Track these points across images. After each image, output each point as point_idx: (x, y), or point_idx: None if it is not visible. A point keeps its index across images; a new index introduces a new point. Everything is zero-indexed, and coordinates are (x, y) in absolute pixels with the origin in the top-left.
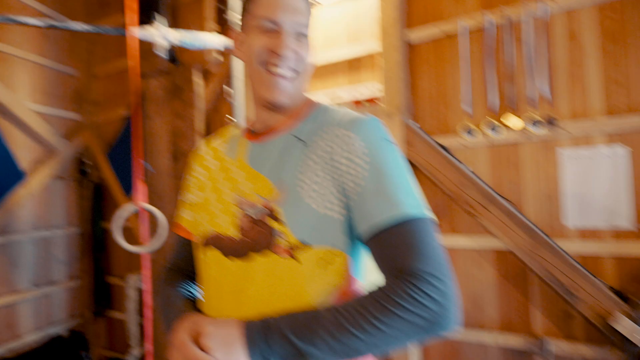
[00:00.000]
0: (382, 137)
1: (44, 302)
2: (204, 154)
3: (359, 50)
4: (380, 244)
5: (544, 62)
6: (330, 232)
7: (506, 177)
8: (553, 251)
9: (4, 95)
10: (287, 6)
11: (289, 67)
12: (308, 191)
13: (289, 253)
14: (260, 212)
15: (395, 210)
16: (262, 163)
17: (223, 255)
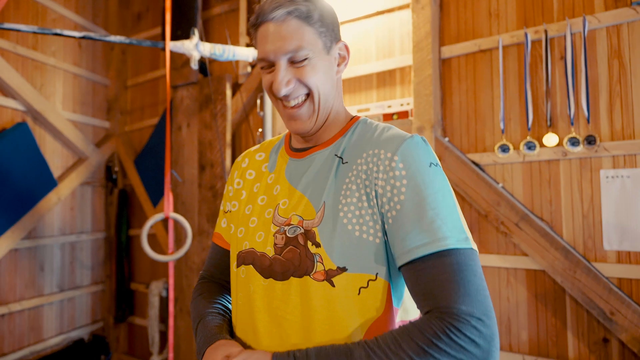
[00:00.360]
0: (423, 159)
1: (68, 305)
2: (244, 164)
3: (390, 64)
4: (416, 274)
5: (584, 79)
6: (368, 257)
7: (541, 195)
8: (590, 273)
9: (39, 103)
10: (272, 38)
11: (294, 97)
12: (346, 213)
13: (325, 277)
14: (296, 231)
15: (434, 239)
16: (299, 179)
17: (259, 274)
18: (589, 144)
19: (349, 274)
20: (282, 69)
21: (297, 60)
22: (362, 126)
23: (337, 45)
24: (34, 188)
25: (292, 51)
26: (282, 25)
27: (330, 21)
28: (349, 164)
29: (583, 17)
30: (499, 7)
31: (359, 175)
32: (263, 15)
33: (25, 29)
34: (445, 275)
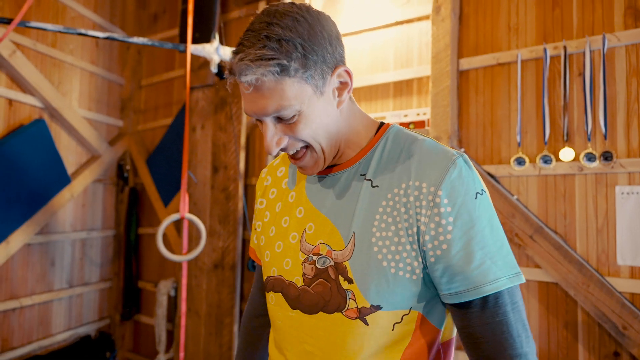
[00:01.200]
0: (470, 189)
1: (77, 302)
2: (266, 182)
3: (408, 74)
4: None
5: (602, 96)
6: (403, 294)
7: (556, 209)
8: (603, 287)
9: (56, 101)
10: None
11: (292, 150)
12: (381, 248)
13: (358, 315)
14: (326, 263)
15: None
16: (322, 200)
17: (287, 304)
18: (605, 159)
19: (384, 312)
20: (270, 129)
21: (286, 119)
22: (393, 141)
23: (332, 76)
24: (49, 184)
25: (274, 112)
26: (255, 92)
27: (318, 55)
28: (381, 190)
29: (603, 35)
30: (519, 22)
31: (396, 207)
32: (237, 73)
33: (50, 28)
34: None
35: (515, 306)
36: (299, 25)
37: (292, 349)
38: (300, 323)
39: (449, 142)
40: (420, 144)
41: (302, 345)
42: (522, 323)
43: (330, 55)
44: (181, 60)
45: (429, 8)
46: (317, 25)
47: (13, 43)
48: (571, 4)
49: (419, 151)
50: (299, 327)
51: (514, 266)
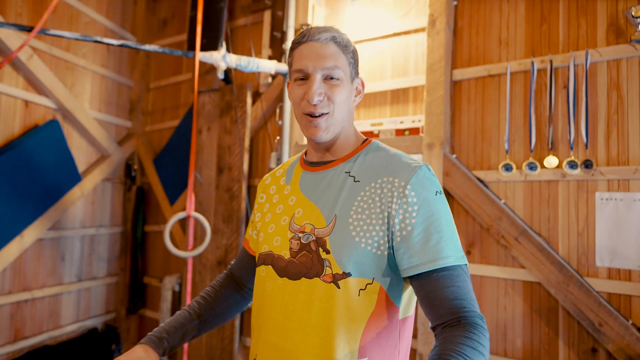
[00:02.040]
0: (431, 188)
1: (85, 295)
2: (267, 181)
3: (404, 83)
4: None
5: (584, 107)
6: (370, 266)
7: (540, 213)
8: (582, 287)
9: (69, 102)
10: (314, 55)
11: (321, 109)
12: (355, 227)
13: (332, 280)
14: (309, 238)
15: (439, 257)
16: (312, 191)
17: (276, 274)
18: (586, 167)
19: (352, 279)
20: (318, 81)
21: (331, 77)
22: (375, 150)
23: (357, 79)
24: (61, 182)
25: (329, 68)
26: (324, 46)
27: (357, 58)
28: (362, 184)
29: (586, 50)
30: (509, 36)
31: (372, 196)
32: (310, 35)
33: (69, 35)
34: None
35: (462, 282)
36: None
37: (275, 309)
38: (285, 288)
39: (441, 148)
40: (394, 154)
41: (285, 307)
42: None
43: (358, 64)
44: (188, 65)
45: (425, 21)
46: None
47: (30, 48)
48: (557, 20)
49: (393, 159)
50: (285, 292)
51: (461, 251)
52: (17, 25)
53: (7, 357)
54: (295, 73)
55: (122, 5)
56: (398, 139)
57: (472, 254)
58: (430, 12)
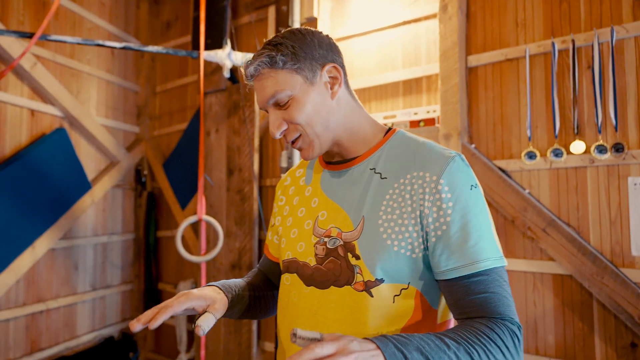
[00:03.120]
0: (466, 181)
1: (100, 304)
2: (286, 182)
3: (416, 72)
4: (464, 288)
5: (611, 88)
6: (403, 270)
7: (568, 202)
8: (617, 279)
9: (76, 109)
10: (257, 91)
11: (291, 137)
12: (386, 229)
13: (364, 288)
14: (336, 243)
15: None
16: (335, 191)
17: (302, 282)
18: (616, 151)
19: (386, 285)
20: (271, 114)
21: (281, 104)
22: (401, 141)
23: (322, 71)
24: (71, 191)
25: (271, 97)
26: (257, 79)
27: (307, 53)
28: (389, 181)
29: (611, 27)
30: (526, 17)
31: (402, 194)
32: (245, 75)
33: (70, 40)
34: (487, 293)
35: (500, 284)
36: (293, 35)
37: (306, 321)
38: (314, 298)
39: (459, 138)
40: (423, 144)
41: (314, 317)
42: (504, 297)
43: (320, 55)
44: (194, 66)
45: (436, 7)
46: (308, 35)
47: (34, 56)
48: None
49: (422, 149)
50: (313, 302)
51: (499, 250)
52: (18, 32)
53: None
54: None
55: (124, 10)
56: (413, 131)
57: None
58: None
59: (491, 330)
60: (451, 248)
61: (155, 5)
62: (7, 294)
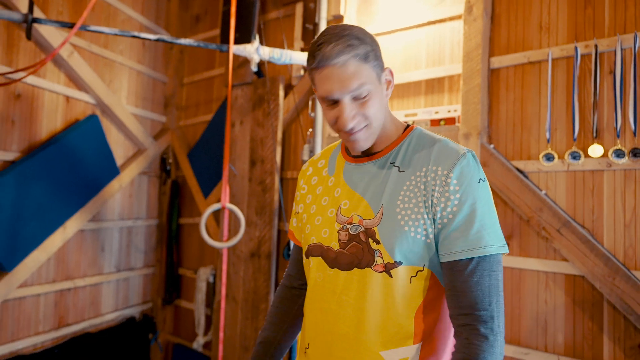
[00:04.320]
0: (475, 176)
1: (123, 285)
2: (309, 172)
3: (439, 72)
4: (459, 272)
5: (632, 93)
6: (419, 253)
7: (584, 204)
8: (629, 281)
9: (108, 98)
10: (337, 80)
11: (358, 127)
12: (404, 216)
13: (384, 269)
14: (357, 229)
15: (479, 246)
16: (357, 182)
17: (326, 265)
18: (634, 156)
19: (404, 267)
20: (347, 105)
21: (361, 97)
22: (418, 138)
23: (384, 72)
24: (100, 175)
25: (355, 89)
26: (343, 67)
27: (380, 52)
28: (407, 174)
29: (634, 33)
30: (550, 21)
31: (418, 185)
32: (325, 60)
33: (108, 31)
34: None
35: (493, 273)
36: (363, 32)
37: (329, 299)
38: (338, 278)
39: (479, 138)
40: (438, 141)
41: (337, 296)
42: (496, 289)
43: (381, 57)
44: (221, 60)
45: (461, 8)
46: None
47: (71, 45)
48: (603, 2)
49: (438, 145)
50: (337, 282)
51: (502, 239)
52: (60, 22)
53: (51, 342)
54: (323, 101)
55: (156, 3)
56: (433, 129)
57: (511, 246)
58: None
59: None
60: (455, 234)
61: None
62: (39, 270)
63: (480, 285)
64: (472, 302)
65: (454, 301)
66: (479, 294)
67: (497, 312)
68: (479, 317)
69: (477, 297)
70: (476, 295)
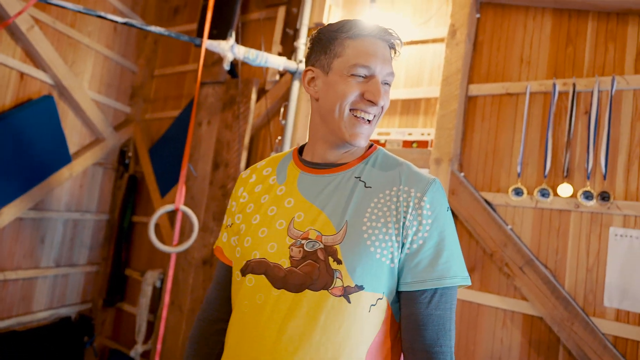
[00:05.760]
0: (444, 204)
1: (61, 282)
2: (251, 179)
3: (417, 93)
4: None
5: (605, 136)
6: (381, 278)
7: (548, 243)
8: (587, 327)
9: (68, 79)
10: (381, 55)
11: (374, 114)
12: (370, 236)
13: (343, 293)
14: (314, 245)
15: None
16: (314, 194)
17: (271, 284)
18: (602, 199)
19: (365, 292)
20: (381, 86)
21: (387, 82)
22: (383, 157)
23: None
24: (49, 161)
25: (390, 74)
26: (388, 49)
27: None
28: (374, 190)
29: (612, 77)
30: (532, 55)
31: (387, 204)
32: (378, 32)
33: (71, 7)
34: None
35: (453, 306)
36: None
37: (273, 325)
38: (284, 301)
39: (449, 164)
40: (404, 163)
41: (283, 321)
42: (453, 323)
43: None
44: (196, 55)
45: (445, 31)
46: None
47: (32, 18)
48: (584, 43)
49: (406, 167)
50: (281, 305)
51: (466, 270)
52: None
53: None
54: (355, 68)
55: None
56: (405, 151)
57: (472, 279)
58: (451, 22)
59: None
60: (423, 262)
61: None
62: None
63: (442, 319)
64: (433, 337)
65: (413, 334)
66: (440, 329)
67: (453, 348)
68: (439, 353)
69: (439, 332)
70: (438, 330)
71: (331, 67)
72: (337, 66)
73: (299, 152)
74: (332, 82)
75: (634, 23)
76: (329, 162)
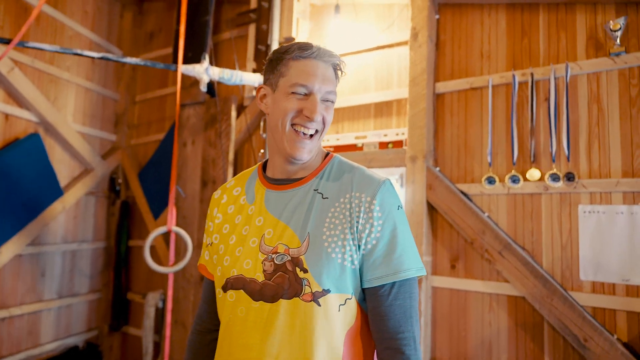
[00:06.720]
0: (394, 203)
1: (66, 312)
2: (223, 200)
3: (388, 96)
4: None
5: (565, 120)
6: (346, 280)
7: (524, 226)
8: (566, 302)
9: (52, 115)
10: (321, 75)
11: (313, 128)
12: (330, 243)
13: (312, 298)
14: (283, 258)
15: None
16: (280, 210)
17: (250, 298)
18: (568, 180)
19: (333, 295)
20: (320, 100)
21: (327, 100)
22: (338, 166)
23: None
24: (41, 196)
25: (329, 92)
26: (328, 69)
27: None
28: (330, 200)
29: (566, 64)
30: (490, 50)
31: (342, 212)
32: (316, 53)
33: (48, 48)
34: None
35: (413, 295)
36: None
37: (254, 334)
38: (263, 311)
39: (424, 161)
40: (357, 168)
41: (264, 330)
42: (415, 310)
43: None
44: (174, 78)
45: (408, 34)
46: None
47: (12, 60)
48: (538, 34)
49: (357, 173)
50: (262, 315)
51: (420, 262)
52: None
53: None
54: (295, 87)
55: (108, 19)
56: (382, 152)
57: (457, 268)
58: (412, 25)
59: None
60: (378, 260)
61: (140, 15)
62: None
63: (402, 308)
64: (396, 325)
65: (378, 325)
66: (401, 317)
67: (417, 332)
68: (403, 339)
69: (399, 320)
70: (399, 319)
71: (277, 85)
72: (282, 85)
73: (263, 167)
74: (277, 99)
75: (582, 11)
76: (289, 176)
